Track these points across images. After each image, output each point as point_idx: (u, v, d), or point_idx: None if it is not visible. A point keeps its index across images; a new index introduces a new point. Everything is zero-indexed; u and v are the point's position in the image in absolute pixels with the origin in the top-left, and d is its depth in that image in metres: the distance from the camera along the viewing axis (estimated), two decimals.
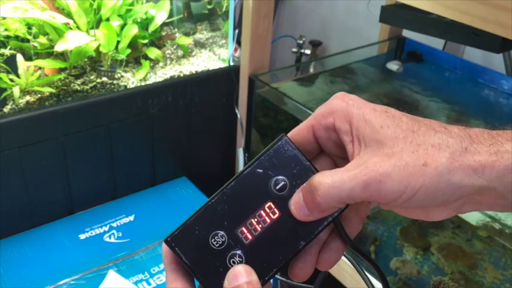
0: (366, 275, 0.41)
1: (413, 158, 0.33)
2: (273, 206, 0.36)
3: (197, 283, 0.36)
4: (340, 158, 0.39)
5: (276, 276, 0.53)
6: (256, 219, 0.36)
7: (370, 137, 0.34)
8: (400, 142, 0.33)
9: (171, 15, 1.39)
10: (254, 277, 0.34)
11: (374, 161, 0.33)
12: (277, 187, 0.36)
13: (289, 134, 0.38)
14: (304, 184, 0.36)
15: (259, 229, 0.36)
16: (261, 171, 0.36)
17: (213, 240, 0.35)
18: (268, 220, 0.36)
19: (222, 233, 0.35)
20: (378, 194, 0.33)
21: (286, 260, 0.36)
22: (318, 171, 0.36)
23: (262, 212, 0.36)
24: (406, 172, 0.33)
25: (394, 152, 0.33)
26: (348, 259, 0.44)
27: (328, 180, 0.34)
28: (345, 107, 0.36)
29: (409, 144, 0.33)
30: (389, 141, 0.34)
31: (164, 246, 0.36)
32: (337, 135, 0.37)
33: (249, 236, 0.35)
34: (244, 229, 0.36)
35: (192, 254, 0.35)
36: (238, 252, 0.35)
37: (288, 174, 0.37)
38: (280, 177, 0.36)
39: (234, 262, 0.35)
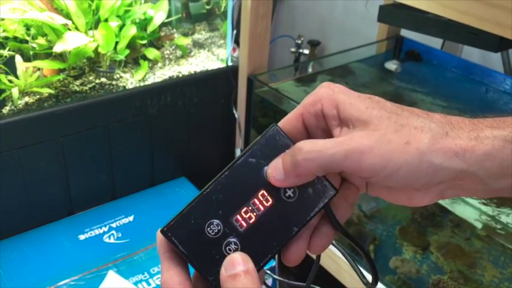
0: (358, 267, 0.42)
1: (396, 136, 0.34)
2: (266, 194, 0.37)
3: (192, 271, 0.37)
4: None
5: (272, 275, 0.53)
6: (250, 207, 0.37)
7: (356, 117, 0.35)
8: (385, 121, 0.35)
9: (169, 15, 1.39)
10: (251, 265, 0.35)
11: (359, 134, 0.34)
12: None
13: (279, 124, 0.39)
14: (286, 150, 0.37)
15: (253, 217, 0.36)
16: (253, 160, 0.37)
17: (208, 228, 0.36)
18: (261, 208, 0.37)
19: (217, 221, 0.36)
20: (358, 165, 0.34)
21: (280, 246, 0.37)
22: None
23: (255, 200, 0.37)
24: (389, 147, 0.34)
25: (379, 129, 0.34)
26: (341, 252, 0.44)
27: (311, 145, 0.35)
28: (331, 94, 0.37)
29: (393, 123, 0.34)
30: (375, 119, 0.35)
31: (159, 235, 0.37)
32: (325, 123, 0.38)
33: (244, 224, 0.36)
34: (238, 217, 0.36)
35: (188, 243, 0.36)
36: (234, 239, 0.36)
37: None
38: None
39: (229, 250, 0.36)
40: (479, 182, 0.34)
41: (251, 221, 0.36)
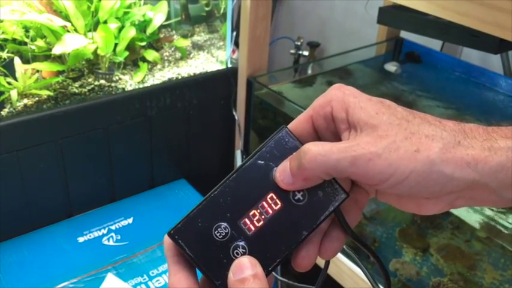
0: (366, 268, 0.42)
1: (406, 143, 0.33)
2: (274, 196, 0.36)
3: (200, 274, 0.36)
4: None
5: (276, 276, 0.53)
6: (258, 210, 0.36)
7: (365, 121, 0.34)
8: (395, 128, 0.34)
9: (168, 17, 1.39)
10: (259, 269, 0.34)
11: (366, 140, 0.33)
12: None
13: (288, 126, 0.38)
14: (294, 153, 0.36)
15: (261, 220, 0.36)
16: (262, 162, 0.37)
17: (216, 232, 0.35)
18: (270, 211, 0.36)
19: (225, 224, 0.36)
20: (365, 172, 0.33)
21: (289, 250, 0.36)
22: None
23: (264, 203, 0.36)
24: (397, 155, 0.33)
25: (388, 135, 0.33)
26: (352, 258, 0.44)
27: (317, 148, 0.34)
28: (341, 96, 0.36)
29: (403, 130, 0.33)
30: (384, 125, 0.34)
31: (166, 238, 0.36)
32: (335, 126, 0.37)
33: (252, 227, 0.36)
34: (247, 220, 0.36)
35: (195, 246, 0.35)
36: (242, 243, 0.35)
37: None
38: None
39: (237, 253, 0.35)
40: (491, 192, 0.33)
41: (259, 225, 0.36)
